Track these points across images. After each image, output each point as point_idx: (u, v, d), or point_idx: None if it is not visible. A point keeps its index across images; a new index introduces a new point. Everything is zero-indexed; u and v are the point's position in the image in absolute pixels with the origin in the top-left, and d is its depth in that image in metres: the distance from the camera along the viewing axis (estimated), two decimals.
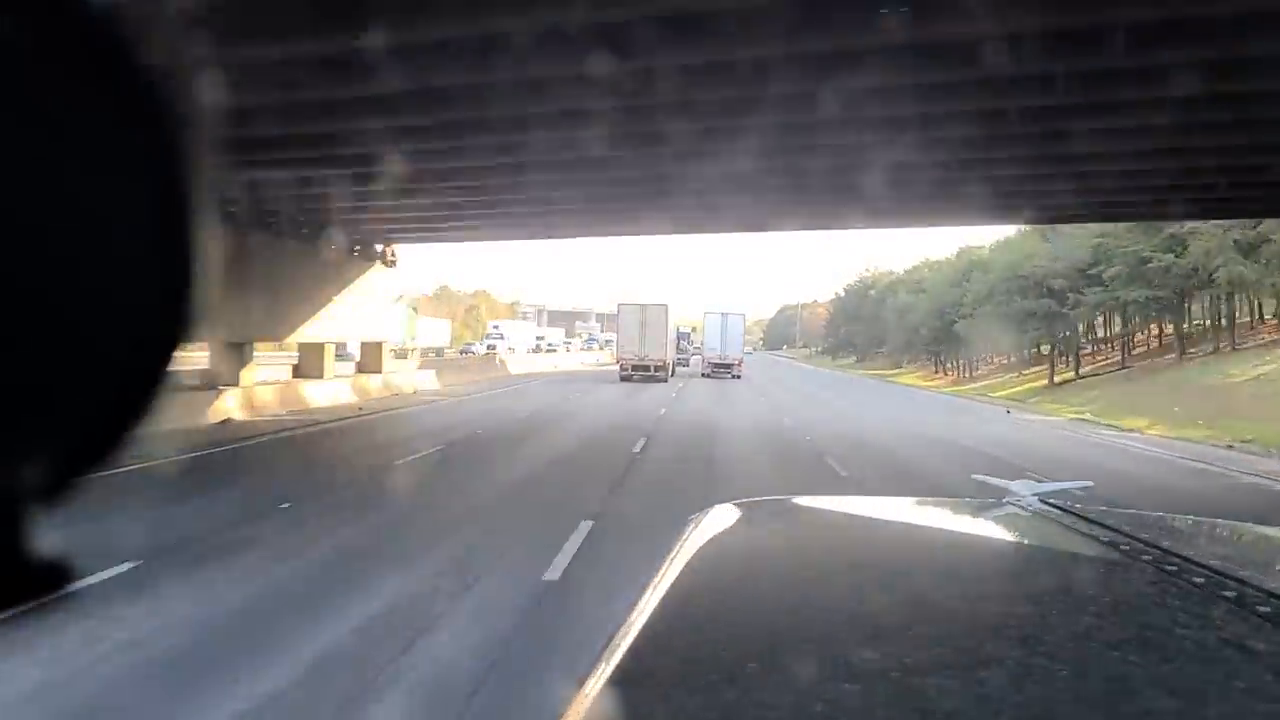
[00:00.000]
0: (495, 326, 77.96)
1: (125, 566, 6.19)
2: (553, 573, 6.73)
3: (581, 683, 0.95)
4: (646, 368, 39.59)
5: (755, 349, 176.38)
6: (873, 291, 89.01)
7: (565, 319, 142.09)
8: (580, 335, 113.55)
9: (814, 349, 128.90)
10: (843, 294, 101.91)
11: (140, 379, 0.38)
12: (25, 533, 0.36)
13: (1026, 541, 1.63)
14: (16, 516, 0.35)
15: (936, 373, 64.67)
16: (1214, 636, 1.08)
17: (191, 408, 16.27)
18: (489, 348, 61.96)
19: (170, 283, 0.37)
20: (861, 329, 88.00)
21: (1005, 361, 58.20)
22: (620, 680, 0.95)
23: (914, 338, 65.92)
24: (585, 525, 8.35)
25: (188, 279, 0.38)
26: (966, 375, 59.25)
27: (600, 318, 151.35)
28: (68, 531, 0.39)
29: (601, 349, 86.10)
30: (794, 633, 1.10)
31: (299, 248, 20.36)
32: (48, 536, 0.37)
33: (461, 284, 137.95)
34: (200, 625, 5.53)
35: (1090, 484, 3.53)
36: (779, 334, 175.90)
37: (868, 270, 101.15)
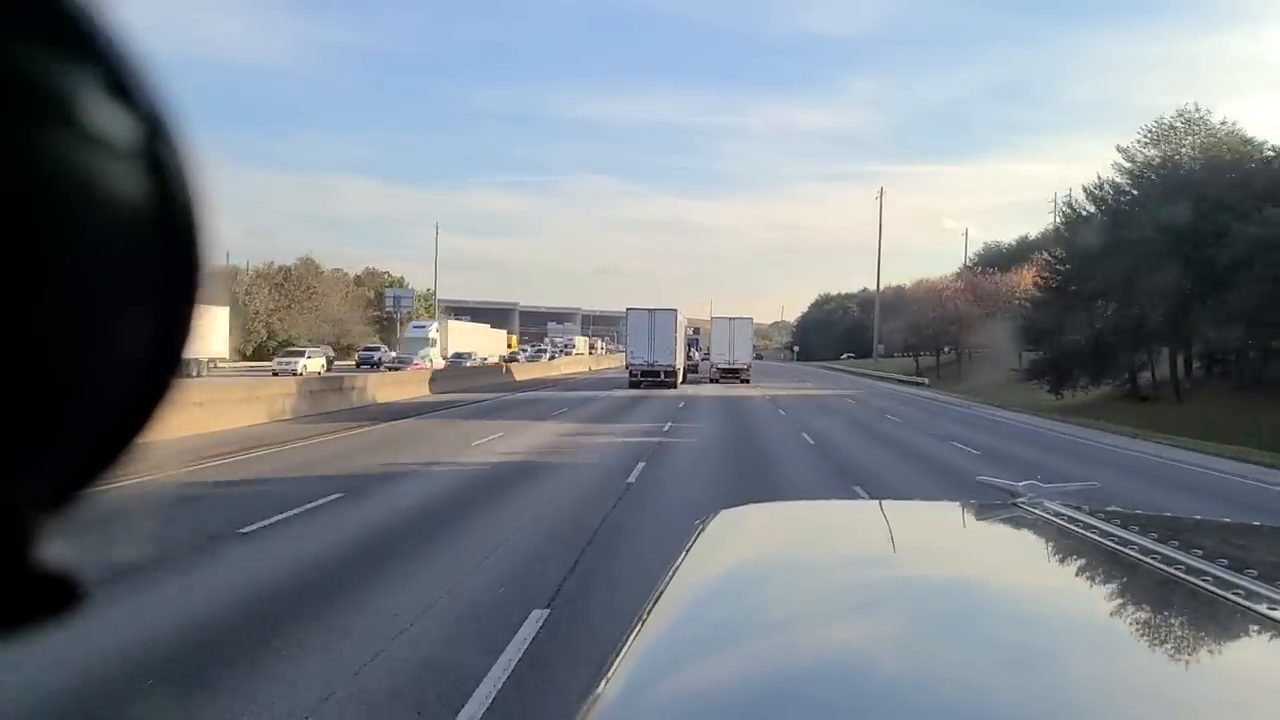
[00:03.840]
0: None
1: None
2: None
3: (596, 683, 0.95)
4: (656, 374, 39.51)
5: (785, 356, 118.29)
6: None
7: (536, 319, 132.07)
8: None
9: (923, 357, 66.31)
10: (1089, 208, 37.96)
11: (148, 387, 0.38)
12: (30, 548, 0.35)
13: (1034, 542, 1.62)
14: (21, 531, 0.35)
15: None
16: (1219, 636, 1.08)
17: None
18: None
19: (176, 293, 0.37)
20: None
21: None
22: (633, 681, 0.95)
23: None
24: None
25: (193, 288, 0.38)
26: None
27: (587, 319, 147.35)
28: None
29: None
30: (800, 633, 1.10)
31: None
32: (54, 550, 0.36)
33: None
34: None
35: (1096, 484, 3.49)
36: (817, 336, 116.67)
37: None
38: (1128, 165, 37.03)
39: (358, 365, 47.98)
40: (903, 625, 1.11)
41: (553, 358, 74.05)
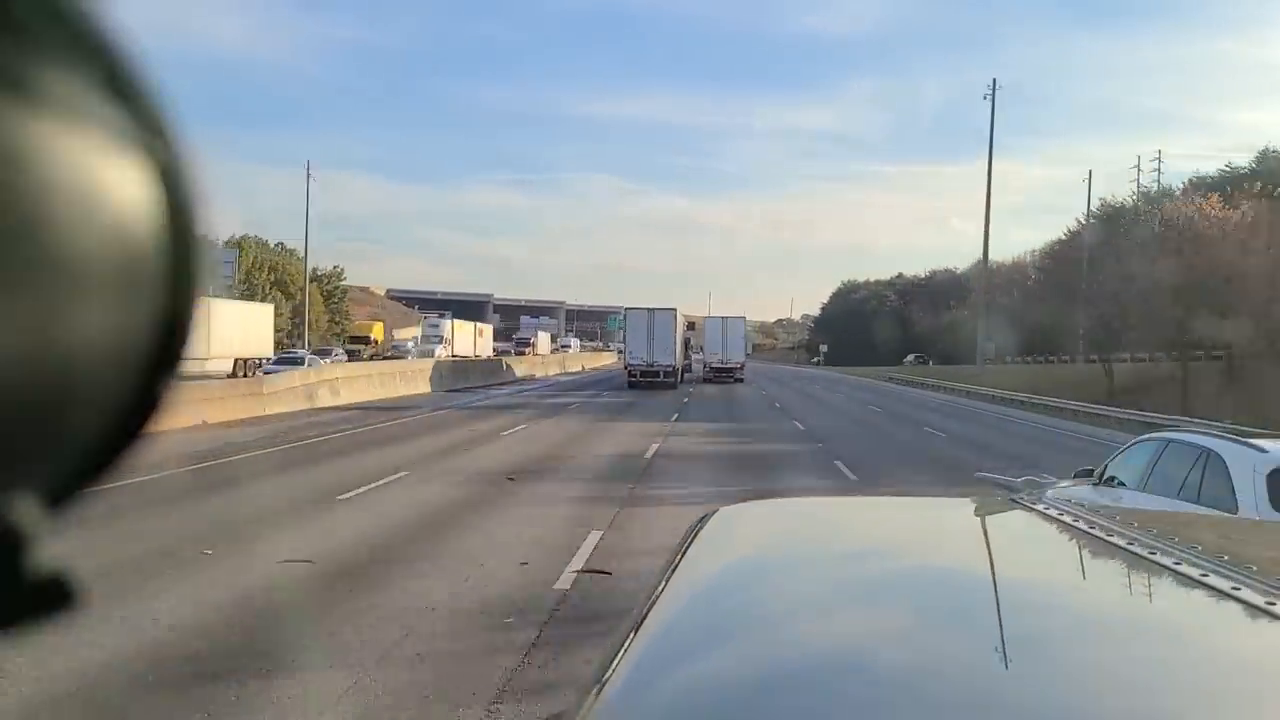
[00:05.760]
0: None
1: None
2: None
3: (597, 680, 0.95)
4: (655, 373, 39.34)
5: (800, 358, 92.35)
6: None
7: (511, 313, 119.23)
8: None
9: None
10: None
11: (147, 386, 0.38)
12: (26, 551, 0.35)
13: (1032, 537, 1.62)
14: (16, 534, 0.35)
15: None
16: (1217, 631, 1.08)
17: None
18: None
19: (174, 292, 0.37)
20: None
21: None
22: (634, 678, 0.96)
23: None
24: None
25: (189, 294, 0.38)
26: None
27: (571, 314, 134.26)
28: None
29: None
30: (801, 629, 1.10)
31: None
32: (50, 553, 0.36)
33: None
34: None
35: (1095, 482, 3.49)
36: (842, 333, 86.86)
37: None
38: None
39: None
40: (901, 620, 1.11)
41: (349, 357, 45.97)
